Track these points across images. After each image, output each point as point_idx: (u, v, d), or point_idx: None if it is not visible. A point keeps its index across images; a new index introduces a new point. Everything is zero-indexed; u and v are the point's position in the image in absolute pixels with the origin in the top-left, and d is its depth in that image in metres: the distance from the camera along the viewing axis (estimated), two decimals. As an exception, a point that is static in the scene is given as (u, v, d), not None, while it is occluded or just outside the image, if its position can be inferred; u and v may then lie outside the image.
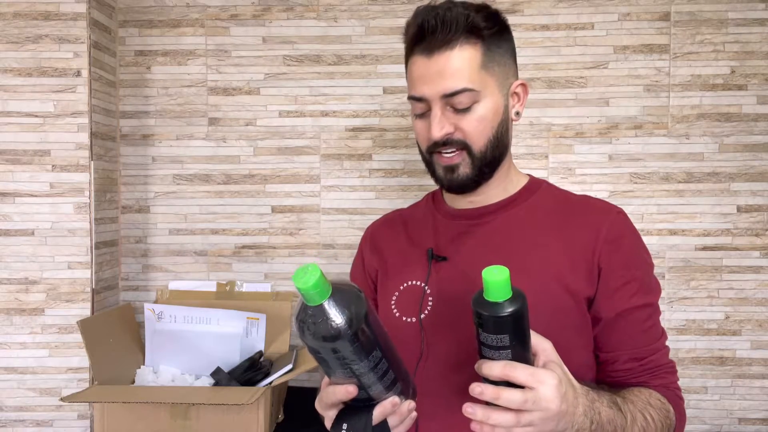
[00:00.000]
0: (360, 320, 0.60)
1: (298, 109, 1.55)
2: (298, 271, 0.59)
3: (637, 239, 0.86)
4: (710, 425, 1.50)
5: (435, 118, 0.81)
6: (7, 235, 1.41)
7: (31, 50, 1.40)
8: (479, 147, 0.83)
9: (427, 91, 0.81)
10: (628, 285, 0.82)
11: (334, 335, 0.59)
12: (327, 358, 0.63)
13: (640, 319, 0.83)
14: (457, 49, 0.80)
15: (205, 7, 1.55)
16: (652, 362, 0.83)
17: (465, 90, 0.80)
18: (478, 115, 0.82)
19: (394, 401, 0.68)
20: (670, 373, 0.85)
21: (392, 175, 1.55)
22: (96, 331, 1.32)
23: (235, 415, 1.22)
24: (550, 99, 1.51)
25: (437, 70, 0.80)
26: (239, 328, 1.40)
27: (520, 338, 0.65)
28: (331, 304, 0.59)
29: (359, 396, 0.68)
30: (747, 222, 1.49)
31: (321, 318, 0.59)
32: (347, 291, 0.62)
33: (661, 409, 0.79)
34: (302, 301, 0.60)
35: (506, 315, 0.62)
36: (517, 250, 0.84)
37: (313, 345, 0.61)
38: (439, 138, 0.82)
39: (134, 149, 1.57)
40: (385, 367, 0.65)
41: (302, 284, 0.58)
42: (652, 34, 1.50)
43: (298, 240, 1.56)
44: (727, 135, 1.49)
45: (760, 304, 1.49)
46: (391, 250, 0.96)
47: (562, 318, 0.81)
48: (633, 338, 0.83)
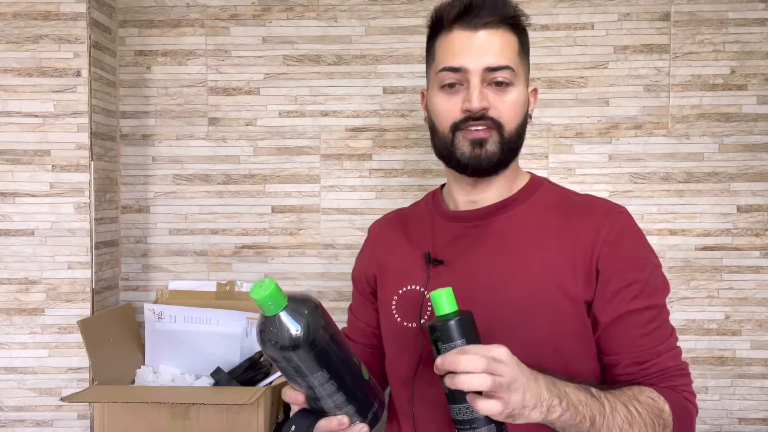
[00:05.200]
0: (313, 333, 0.63)
1: (298, 109, 1.55)
2: (255, 285, 0.63)
3: (639, 239, 0.84)
4: (710, 425, 1.50)
5: (475, 89, 0.81)
6: (7, 235, 1.41)
7: (31, 50, 1.40)
8: (510, 129, 0.83)
9: (470, 62, 0.81)
10: (629, 288, 0.80)
11: (285, 345, 0.62)
12: (283, 366, 0.66)
13: (640, 323, 0.81)
14: (501, 31, 0.82)
15: (205, 7, 1.55)
16: (655, 366, 0.80)
17: (507, 67, 0.81)
18: (513, 96, 0.83)
19: (342, 420, 0.69)
20: (678, 376, 0.82)
21: (392, 175, 1.55)
22: (96, 331, 1.32)
23: (235, 415, 1.22)
24: (550, 99, 1.51)
25: (481, 43, 0.81)
26: (239, 328, 1.40)
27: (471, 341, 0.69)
28: (286, 315, 0.63)
29: (311, 405, 0.71)
30: (747, 222, 1.49)
31: (274, 327, 0.63)
32: (303, 304, 0.64)
33: (651, 406, 0.76)
34: (261, 313, 0.64)
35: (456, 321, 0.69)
36: (516, 253, 0.83)
37: (269, 353, 0.65)
38: (478, 108, 0.81)
39: (134, 149, 1.57)
40: (335, 385, 0.67)
41: (256, 295, 0.62)
42: (652, 34, 1.50)
43: (298, 240, 1.56)
44: (727, 135, 1.49)
45: (760, 304, 1.49)
46: (389, 253, 0.95)
47: (562, 323, 0.80)
48: (634, 342, 0.81)
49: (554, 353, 0.79)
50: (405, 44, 1.53)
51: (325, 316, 0.66)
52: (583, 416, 0.70)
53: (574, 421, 0.70)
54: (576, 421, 0.70)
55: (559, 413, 0.68)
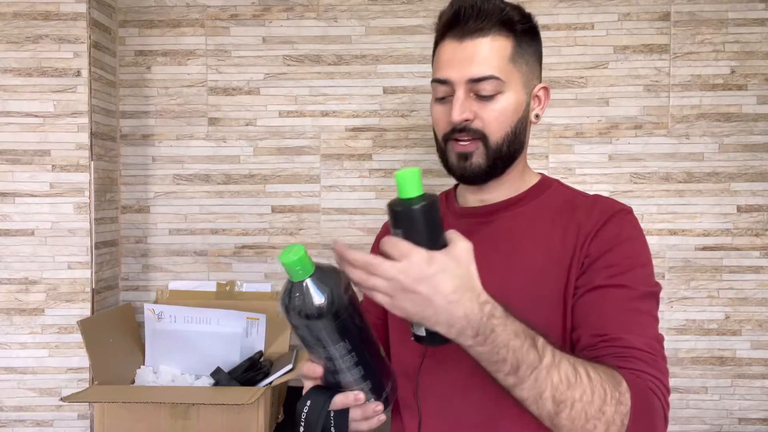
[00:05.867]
0: (337, 303, 0.62)
1: (298, 109, 1.55)
2: (284, 250, 0.61)
3: (636, 236, 0.82)
4: (710, 425, 1.50)
5: (457, 101, 0.81)
6: (7, 235, 1.41)
7: (31, 50, 1.40)
8: (496, 139, 0.83)
9: (454, 74, 0.81)
10: (611, 267, 0.77)
11: (310, 312, 0.61)
12: (304, 334, 0.65)
13: (614, 299, 0.75)
14: (489, 37, 0.81)
15: (205, 7, 1.55)
16: (620, 341, 0.72)
17: (491, 77, 0.80)
18: (500, 106, 0.82)
19: (358, 396, 0.69)
20: (646, 363, 0.71)
21: (392, 175, 1.54)
22: (96, 331, 1.32)
23: (235, 415, 1.22)
24: (550, 99, 1.51)
25: (466, 55, 0.81)
26: (239, 328, 1.40)
27: (422, 232, 0.63)
28: (312, 283, 0.62)
29: (329, 379, 0.70)
30: (747, 222, 1.49)
31: (300, 294, 0.61)
32: (331, 274, 0.63)
33: (608, 374, 0.67)
34: (287, 279, 0.63)
35: (413, 209, 0.62)
36: (521, 249, 0.84)
37: (292, 320, 0.63)
38: (458, 121, 0.81)
39: (134, 149, 1.57)
40: (355, 359, 0.66)
41: (285, 259, 0.60)
42: (652, 34, 1.50)
43: (298, 240, 1.56)
44: (727, 135, 1.49)
45: (760, 304, 1.49)
46: None
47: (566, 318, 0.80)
48: (603, 316, 0.75)
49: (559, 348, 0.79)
50: (405, 44, 1.53)
51: (349, 288, 0.65)
52: (504, 359, 0.64)
53: (490, 359, 0.65)
54: (493, 360, 0.65)
55: (470, 344, 0.64)
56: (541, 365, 0.65)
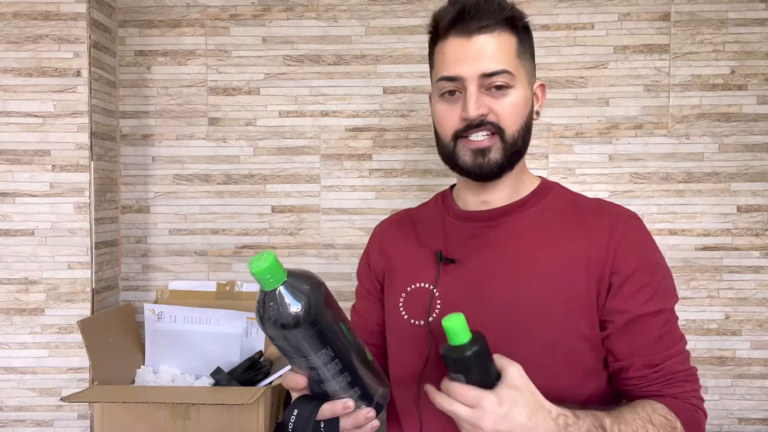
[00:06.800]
0: (314, 309, 0.60)
1: (298, 109, 1.55)
2: (253, 258, 0.59)
3: (651, 244, 0.84)
4: (710, 425, 1.50)
5: (472, 97, 0.80)
6: (7, 235, 1.41)
7: (31, 50, 1.40)
8: (512, 131, 0.82)
9: (465, 70, 0.81)
10: (643, 290, 0.80)
11: (286, 322, 0.59)
12: (283, 345, 0.62)
13: (654, 326, 0.81)
14: (496, 33, 0.81)
15: (205, 7, 1.55)
16: (666, 368, 0.80)
17: (504, 71, 0.80)
18: (512, 99, 0.82)
19: (347, 404, 0.68)
20: (687, 381, 0.81)
21: (392, 175, 1.55)
22: (96, 331, 1.32)
23: (235, 415, 1.22)
24: (550, 99, 1.51)
25: (476, 50, 0.81)
26: (239, 328, 1.40)
27: (479, 373, 0.69)
28: (286, 290, 0.59)
29: (315, 389, 0.68)
30: (747, 222, 1.49)
31: (275, 303, 0.59)
32: (304, 279, 0.61)
33: (664, 426, 0.76)
34: (260, 289, 0.60)
35: (467, 356, 0.67)
36: (528, 254, 0.83)
37: (268, 331, 0.61)
38: (475, 116, 0.80)
39: (134, 149, 1.57)
40: (339, 366, 0.64)
41: (254, 268, 0.58)
42: (652, 34, 1.50)
43: (298, 240, 1.56)
44: (727, 135, 1.49)
45: (760, 304, 1.49)
46: (398, 250, 0.94)
47: (574, 324, 0.80)
48: (647, 345, 0.81)
49: (566, 353, 0.80)
50: (405, 44, 1.53)
51: (326, 292, 0.63)
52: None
53: None
54: None
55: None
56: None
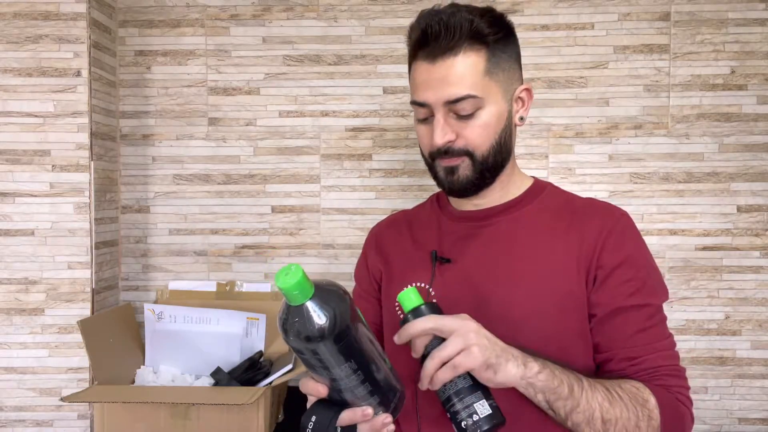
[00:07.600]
0: (341, 324, 0.60)
1: (298, 109, 1.55)
2: (280, 271, 0.58)
3: (639, 242, 0.85)
4: (710, 425, 1.50)
5: (438, 125, 0.80)
6: (7, 235, 1.41)
7: (31, 50, 1.40)
8: (482, 152, 0.82)
9: (431, 97, 0.80)
10: (627, 284, 0.80)
11: (312, 336, 0.59)
12: (307, 357, 0.63)
13: (637, 319, 0.80)
14: (461, 55, 0.79)
15: (205, 7, 1.55)
16: (647, 362, 0.79)
17: (468, 97, 0.79)
18: (481, 121, 0.81)
19: (366, 411, 0.67)
20: (671, 376, 0.80)
21: (392, 175, 1.55)
22: (96, 331, 1.32)
23: (235, 415, 1.22)
24: (550, 99, 1.51)
25: (440, 76, 0.79)
26: (239, 328, 1.40)
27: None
28: (314, 304, 0.59)
29: (334, 397, 0.68)
30: (747, 222, 1.49)
31: (300, 318, 0.59)
32: (331, 293, 0.61)
33: (633, 394, 0.75)
34: (285, 301, 0.60)
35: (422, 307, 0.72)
36: (522, 252, 0.84)
37: (294, 345, 0.61)
38: (441, 145, 0.81)
39: (134, 149, 1.57)
40: (361, 377, 0.64)
41: (282, 284, 0.57)
42: (652, 34, 1.50)
43: (298, 240, 1.56)
44: (727, 135, 1.49)
45: (760, 304, 1.49)
46: (395, 251, 0.95)
47: (567, 322, 0.81)
48: (628, 337, 0.80)
49: (559, 351, 0.80)
50: (405, 44, 1.52)
51: (351, 304, 0.63)
52: (561, 380, 0.71)
53: (552, 384, 0.70)
54: (554, 384, 0.71)
55: (537, 369, 0.70)
56: (584, 384, 0.72)
